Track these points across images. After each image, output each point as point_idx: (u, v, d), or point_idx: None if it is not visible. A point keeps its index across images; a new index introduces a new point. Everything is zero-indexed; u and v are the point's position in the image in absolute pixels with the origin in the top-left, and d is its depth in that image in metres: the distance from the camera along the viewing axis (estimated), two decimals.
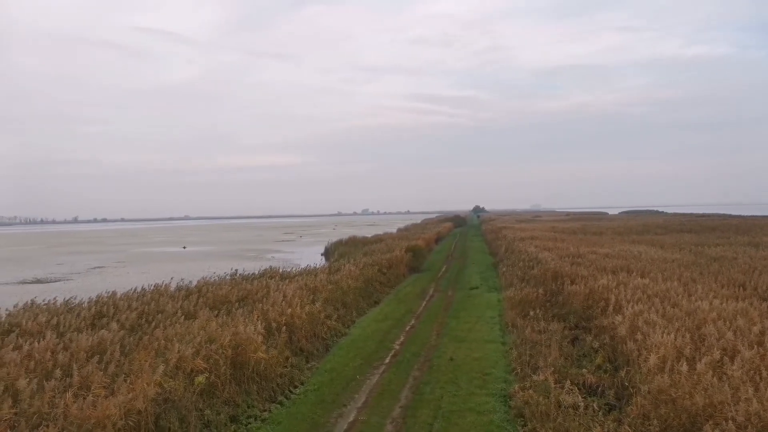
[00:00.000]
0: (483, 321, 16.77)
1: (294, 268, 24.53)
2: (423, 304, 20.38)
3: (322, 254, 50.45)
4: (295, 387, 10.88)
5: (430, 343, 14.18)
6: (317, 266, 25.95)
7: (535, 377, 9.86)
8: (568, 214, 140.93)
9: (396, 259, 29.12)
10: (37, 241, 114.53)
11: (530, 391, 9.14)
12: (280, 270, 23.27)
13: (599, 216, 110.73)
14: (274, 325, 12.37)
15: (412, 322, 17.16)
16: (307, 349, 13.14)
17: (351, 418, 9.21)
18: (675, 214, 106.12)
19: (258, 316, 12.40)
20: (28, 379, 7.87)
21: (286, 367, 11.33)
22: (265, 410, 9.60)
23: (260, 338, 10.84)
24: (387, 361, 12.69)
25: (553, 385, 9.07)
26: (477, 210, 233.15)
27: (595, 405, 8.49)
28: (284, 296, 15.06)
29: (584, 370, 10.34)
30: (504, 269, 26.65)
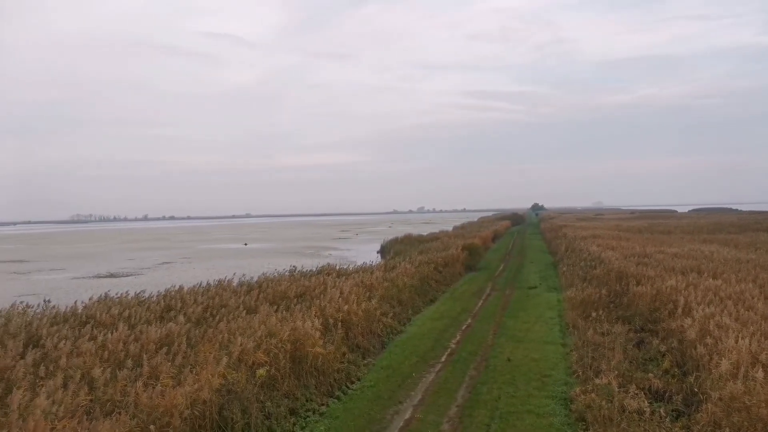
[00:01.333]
0: (542, 321, 16.38)
1: (350, 266, 24.80)
2: (479, 303, 20.12)
3: (377, 252, 50.79)
4: (352, 383, 11.01)
5: (486, 343, 13.99)
6: (373, 264, 26.08)
7: (597, 380, 9.53)
8: (632, 212, 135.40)
9: (452, 258, 28.90)
10: (111, 237, 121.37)
11: (592, 395, 8.84)
12: (337, 267, 23.56)
13: (667, 214, 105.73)
14: (331, 321, 12.57)
15: (469, 321, 16.99)
16: (363, 345, 13.27)
17: (407, 416, 9.22)
18: (751, 212, 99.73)
19: (316, 312, 12.64)
20: (102, 368, 8.37)
21: (342, 362, 11.49)
22: (322, 404, 9.77)
23: (318, 334, 11.03)
24: (443, 359, 12.63)
25: (616, 389, 8.74)
26: (536, 208, 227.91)
27: (662, 411, 8.14)
28: (341, 293, 15.26)
29: (650, 374, 9.92)
30: (564, 269, 25.91)
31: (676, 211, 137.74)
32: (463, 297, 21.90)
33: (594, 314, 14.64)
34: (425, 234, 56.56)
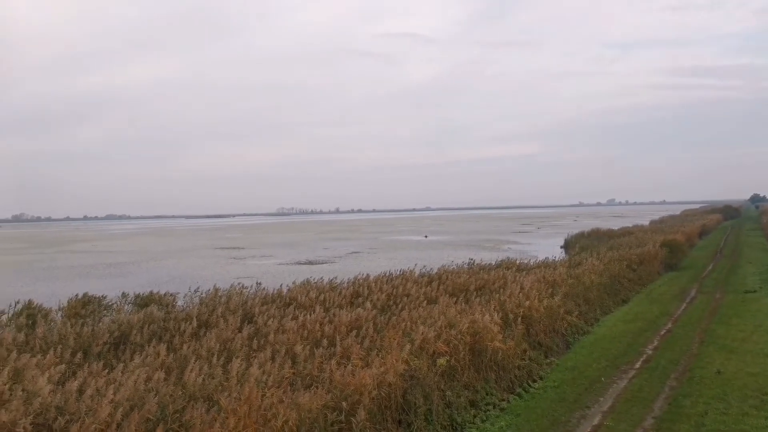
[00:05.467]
0: (763, 331, 14.03)
1: (531, 260, 24.06)
2: (682, 307, 17.98)
3: (561, 247, 48.45)
4: (534, 381, 10.68)
5: (690, 351, 12.45)
6: (556, 259, 24.98)
7: None
8: None
9: (648, 255, 26.28)
10: (308, 228, 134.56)
11: None
12: (517, 261, 23.04)
13: None
14: (510, 316, 12.32)
15: (669, 325, 15.29)
16: (545, 343, 12.77)
17: (595, 422, 8.66)
18: None
19: (495, 306, 12.50)
20: (302, 346, 9.35)
21: (523, 359, 11.20)
22: (503, 400, 9.64)
23: (497, 328, 10.90)
24: (637, 366, 11.57)
25: None
26: (756, 199, 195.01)
27: None
28: (521, 288, 14.87)
29: None
30: None
31: None
32: (662, 299, 19.78)
33: None
34: (616, 228, 52.45)
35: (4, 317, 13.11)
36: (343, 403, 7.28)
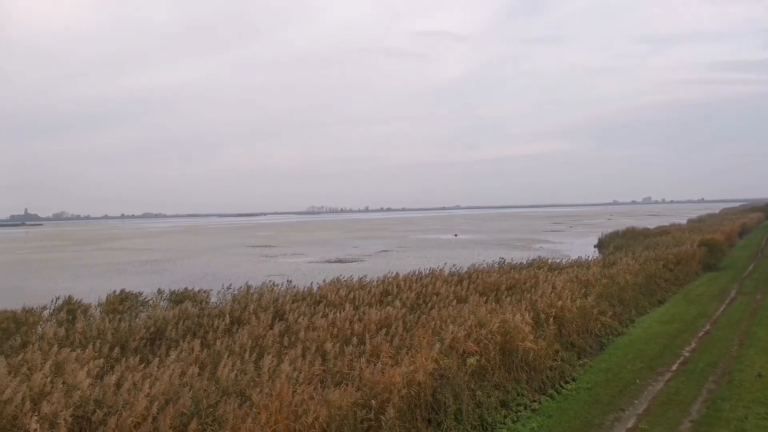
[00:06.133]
0: None
1: (564, 259, 23.66)
2: (721, 308, 17.42)
3: (594, 246, 47.61)
4: (566, 382, 10.51)
5: (730, 354, 12.06)
6: (589, 258, 24.51)
7: None
8: None
9: (686, 254, 25.57)
10: (338, 227, 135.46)
11: None
12: (549, 261, 22.71)
13: None
14: (542, 316, 12.15)
15: (707, 327, 14.84)
16: (578, 344, 12.55)
17: (630, 425, 8.47)
18: None
19: (526, 306, 12.34)
20: (332, 343, 9.42)
21: (555, 360, 11.04)
22: (534, 401, 9.52)
23: (528, 328, 10.77)
24: (674, 368, 11.27)
25: None
26: None
27: None
28: (553, 287, 14.64)
29: None
30: None
31: None
32: (700, 300, 19.21)
33: None
34: (652, 227, 51.19)
35: (46, 312, 13.59)
36: (373, 401, 7.29)
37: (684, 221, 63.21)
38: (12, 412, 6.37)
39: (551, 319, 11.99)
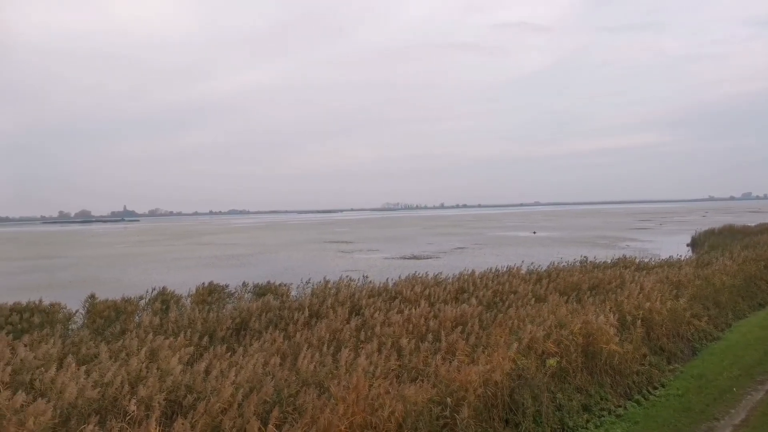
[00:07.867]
0: None
1: (652, 259, 22.40)
2: None
3: (687, 245, 44.68)
4: (654, 388, 9.95)
5: None
6: (681, 258, 23.02)
7: None
8: None
9: None
10: (414, 223, 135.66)
11: None
12: (636, 260, 21.57)
13: None
14: (628, 318, 11.56)
15: None
16: (668, 348, 11.83)
17: None
18: None
19: (611, 307, 11.79)
20: (408, 339, 9.47)
21: (643, 364, 10.47)
22: (619, 406, 9.09)
23: (613, 330, 10.28)
24: None
25: None
26: None
27: None
28: (641, 288, 13.88)
29: None
30: None
31: None
32: None
33: None
34: (752, 225, 47.23)
35: (143, 302, 14.65)
36: (448, 398, 7.26)
37: None
38: (113, 394, 6.93)
39: (638, 322, 11.37)
